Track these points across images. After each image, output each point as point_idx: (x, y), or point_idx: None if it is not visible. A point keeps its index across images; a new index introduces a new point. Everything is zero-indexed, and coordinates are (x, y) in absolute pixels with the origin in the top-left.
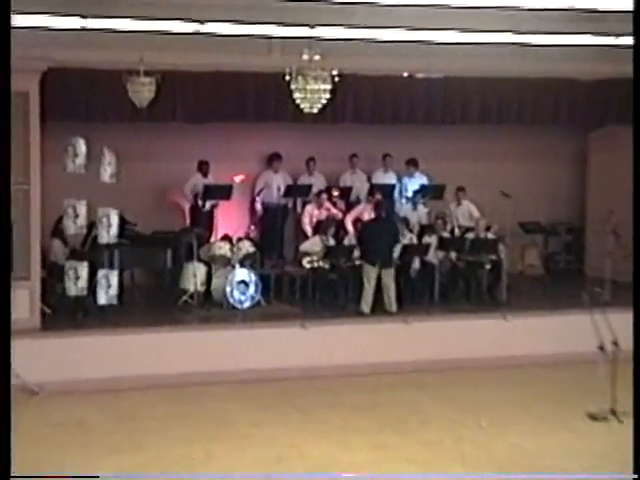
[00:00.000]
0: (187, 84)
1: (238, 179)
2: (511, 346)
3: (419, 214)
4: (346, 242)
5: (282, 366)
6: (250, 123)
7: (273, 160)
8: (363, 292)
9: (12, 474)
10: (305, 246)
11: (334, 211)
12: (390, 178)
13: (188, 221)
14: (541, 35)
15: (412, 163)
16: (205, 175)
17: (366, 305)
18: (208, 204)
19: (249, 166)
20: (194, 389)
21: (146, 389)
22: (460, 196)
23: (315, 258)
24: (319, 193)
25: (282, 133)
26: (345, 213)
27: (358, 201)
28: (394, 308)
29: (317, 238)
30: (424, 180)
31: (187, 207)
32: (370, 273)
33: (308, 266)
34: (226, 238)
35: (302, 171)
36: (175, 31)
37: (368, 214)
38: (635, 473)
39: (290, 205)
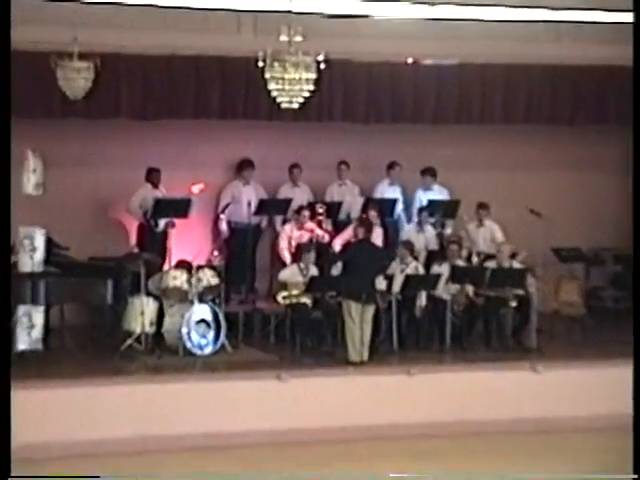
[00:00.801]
0: (134, 71)
1: (196, 189)
2: (543, 406)
3: (426, 237)
4: (334, 271)
5: (252, 429)
6: (214, 121)
7: (243, 168)
8: (347, 336)
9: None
10: (282, 276)
11: (319, 232)
12: (396, 191)
13: (135, 244)
14: (581, 11)
15: (429, 173)
16: (155, 186)
17: (355, 352)
18: (160, 223)
19: (212, 175)
20: (139, 459)
21: (78, 458)
22: (482, 215)
23: (294, 292)
24: (299, 210)
25: (254, 134)
26: (333, 235)
27: (349, 220)
28: (365, 356)
29: (296, 267)
30: (445, 194)
31: (134, 227)
32: (353, 311)
33: (285, 302)
34: (183, 266)
35: (278, 181)
36: (119, 1)
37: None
38: (635, 473)
39: (264, 225)
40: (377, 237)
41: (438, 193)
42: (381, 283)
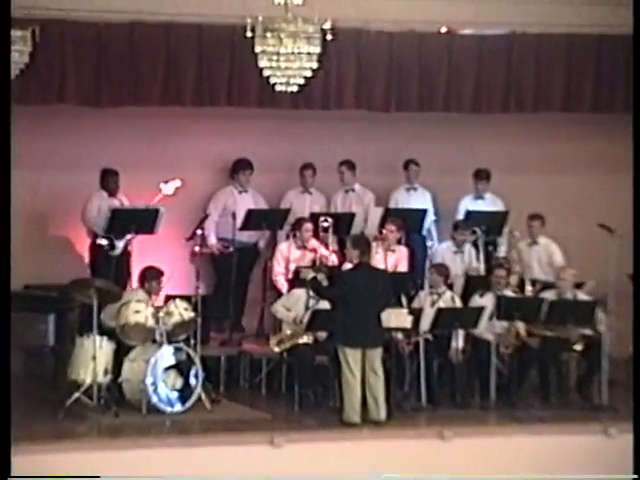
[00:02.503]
0: (84, 43)
1: (170, 188)
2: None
3: (465, 259)
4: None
5: None
6: (188, 109)
7: (238, 170)
8: (344, 390)
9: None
10: (276, 309)
11: (323, 252)
12: (418, 199)
13: (87, 268)
14: None
15: (483, 177)
16: (112, 193)
17: (353, 412)
18: (118, 243)
19: (186, 177)
20: None
21: None
22: (534, 229)
23: (289, 331)
24: (299, 223)
25: (240, 126)
26: (342, 255)
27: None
28: (382, 415)
29: (304, 294)
30: (499, 205)
31: (84, 245)
32: (350, 359)
33: (277, 349)
34: (152, 276)
35: (269, 186)
36: None
37: (382, 257)
38: (635, 473)
39: (262, 244)
40: (401, 260)
41: (491, 203)
42: (405, 319)
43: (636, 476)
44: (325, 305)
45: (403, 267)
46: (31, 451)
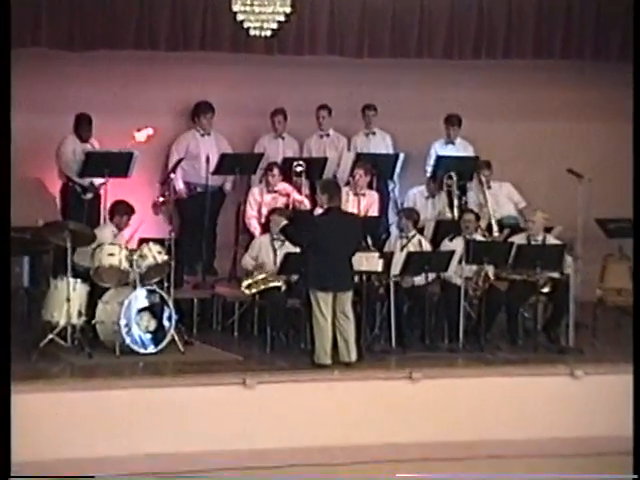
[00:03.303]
0: None
1: (142, 135)
2: (583, 421)
3: (436, 204)
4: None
5: (209, 449)
6: (161, 53)
7: (199, 114)
8: (315, 333)
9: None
10: (245, 262)
11: (296, 197)
12: (378, 143)
13: (59, 212)
14: None
15: (454, 122)
16: (85, 139)
17: (324, 355)
18: (92, 185)
19: (161, 123)
20: None
21: None
22: (484, 175)
23: (260, 276)
24: (270, 167)
25: (214, 71)
26: (314, 200)
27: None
28: (353, 357)
29: (267, 239)
30: (469, 151)
31: (56, 188)
32: (322, 302)
33: (248, 292)
34: (121, 210)
35: (241, 131)
36: None
37: (353, 202)
38: (635, 473)
39: (229, 187)
40: (371, 204)
41: (461, 148)
42: (376, 263)
43: (636, 476)
44: (292, 248)
45: (374, 212)
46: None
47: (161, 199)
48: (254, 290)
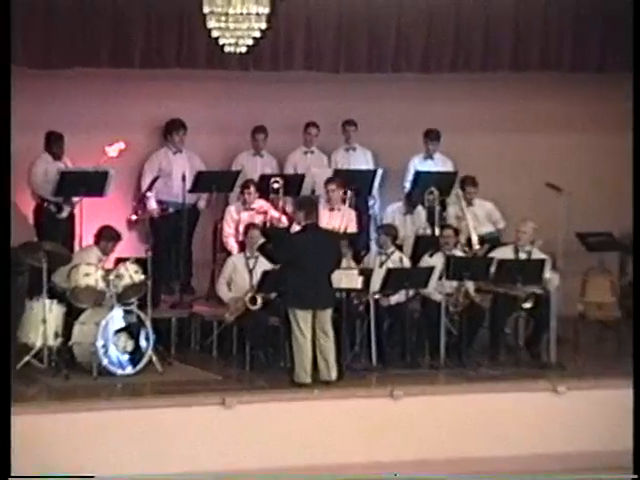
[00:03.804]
0: (32, 4)
1: (114, 150)
2: (565, 437)
3: (415, 220)
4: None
5: (188, 470)
6: (136, 70)
7: (171, 131)
8: (295, 351)
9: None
10: (218, 289)
11: (273, 214)
12: (358, 159)
13: (33, 231)
14: None
15: (433, 137)
16: (57, 157)
17: (303, 373)
18: (67, 204)
19: (134, 141)
20: None
21: None
22: (470, 193)
23: (241, 292)
24: (246, 184)
25: (189, 88)
26: (292, 217)
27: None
28: (333, 376)
29: (242, 257)
30: (448, 166)
31: (29, 208)
32: (301, 320)
33: (231, 318)
34: (107, 236)
35: (216, 149)
36: None
37: (329, 218)
38: (635, 473)
39: (203, 205)
40: (350, 221)
41: (440, 163)
42: (356, 280)
43: (636, 476)
44: (268, 265)
45: (352, 228)
46: None
47: (134, 217)
48: (236, 314)
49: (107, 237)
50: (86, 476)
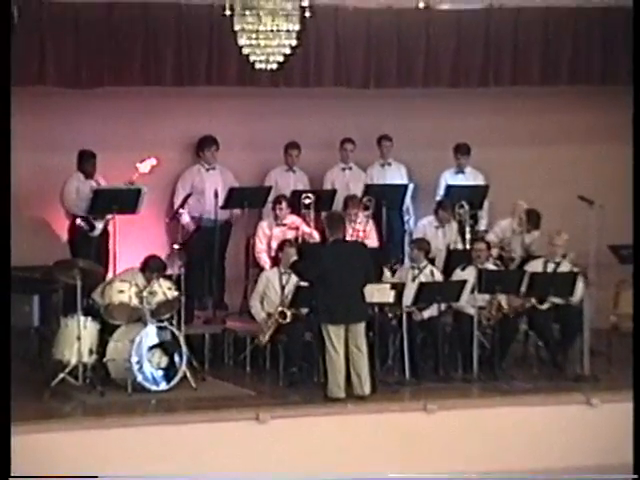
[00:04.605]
0: (62, 22)
1: (146, 166)
2: (601, 448)
3: (446, 233)
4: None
5: None
6: (167, 89)
7: (203, 148)
8: (328, 365)
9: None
10: (251, 305)
11: (305, 229)
12: (394, 174)
13: (67, 250)
14: None
15: (463, 151)
16: (90, 175)
17: (336, 388)
18: (99, 222)
19: (166, 159)
20: None
21: None
22: (532, 219)
23: (273, 307)
24: (278, 200)
25: (220, 105)
26: (324, 233)
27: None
28: (366, 390)
29: (274, 273)
30: (479, 179)
31: (63, 227)
32: (333, 335)
33: (262, 337)
34: (152, 267)
35: (249, 166)
36: None
37: (369, 233)
38: (635, 473)
39: (233, 221)
40: (368, 235)
41: (471, 177)
42: (388, 294)
43: (636, 476)
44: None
45: (372, 242)
46: (17, 432)
47: (176, 246)
48: (269, 334)
49: (153, 268)
50: (88, 476)
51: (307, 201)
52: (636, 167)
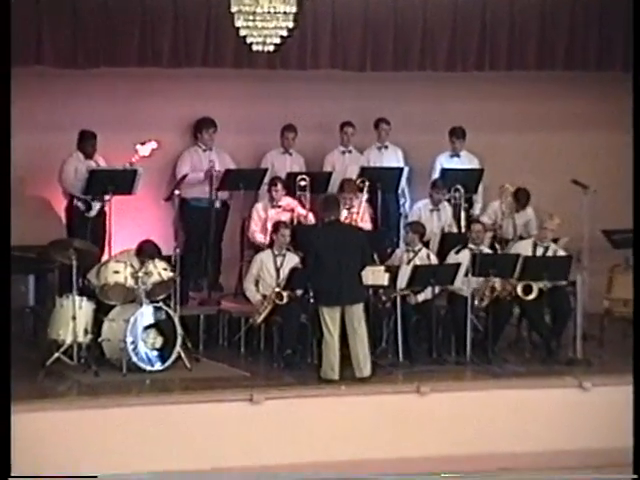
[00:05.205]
0: (59, 3)
1: (146, 149)
2: (592, 433)
3: (441, 216)
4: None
5: (216, 466)
6: (164, 70)
7: (201, 129)
8: (323, 348)
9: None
10: (246, 288)
11: (300, 211)
12: (390, 157)
13: (64, 230)
14: None
15: (458, 134)
16: (89, 155)
17: (330, 370)
18: (94, 205)
19: (165, 140)
20: None
21: None
22: (521, 201)
23: (269, 289)
24: (273, 182)
25: (217, 86)
26: (319, 215)
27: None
28: (366, 372)
29: (269, 255)
30: (475, 163)
31: (61, 206)
32: (327, 317)
33: (257, 317)
34: (146, 252)
35: (246, 147)
36: None
37: (363, 215)
38: (635, 473)
39: (231, 202)
40: (362, 217)
41: (466, 161)
42: (382, 277)
43: (636, 476)
44: (296, 261)
45: (366, 226)
46: (12, 411)
47: (177, 192)
48: (264, 315)
49: (148, 253)
50: (88, 476)
51: (302, 183)
52: (636, 154)
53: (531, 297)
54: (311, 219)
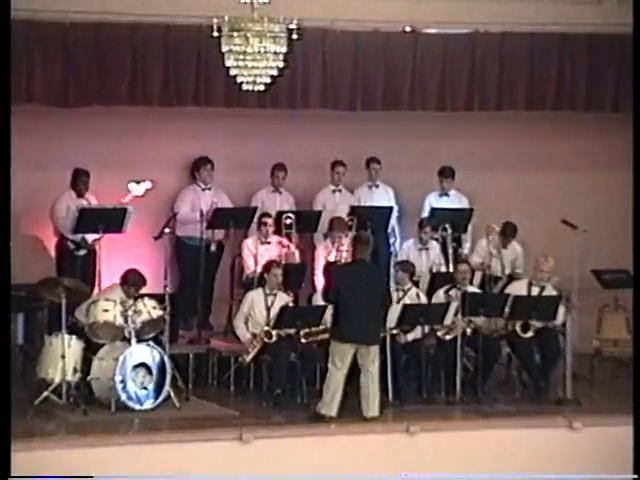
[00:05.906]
0: (51, 42)
1: (140, 189)
2: (583, 471)
3: (430, 255)
4: (315, 301)
5: None
6: (154, 108)
7: (199, 167)
8: (327, 383)
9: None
10: (236, 326)
11: (290, 249)
12: (381, 196)
13: (54, 268)
14: None
15: (447, 174)
16: (81, 194)
17: (328, 406)
18: (83, 240)
19: (155, 177)
20: None
21: None
22: (508, 235)
23: (258, 328)
24: (263, 218)
25: (208, 126)
26: (304, 253)
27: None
28: (375, 411)
29: (259, 294)
30: (464, 203)
31: (51, 244)
32: (341, 353)
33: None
34: (131, 282)
35: (234, 186)
36: None
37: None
38: (635, 473)
39: (226, 242)
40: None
41: (455, 200)
42: (393, 319)
43: (636, 476)
44: (287, 300)
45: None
46: None
47: (167, 230)
48: (253, 353)
49: (132, 281)
50: (87, 476)
51: (288, 221)
52: (636, 190)
53: (528, 335)
54: (296, 257)
